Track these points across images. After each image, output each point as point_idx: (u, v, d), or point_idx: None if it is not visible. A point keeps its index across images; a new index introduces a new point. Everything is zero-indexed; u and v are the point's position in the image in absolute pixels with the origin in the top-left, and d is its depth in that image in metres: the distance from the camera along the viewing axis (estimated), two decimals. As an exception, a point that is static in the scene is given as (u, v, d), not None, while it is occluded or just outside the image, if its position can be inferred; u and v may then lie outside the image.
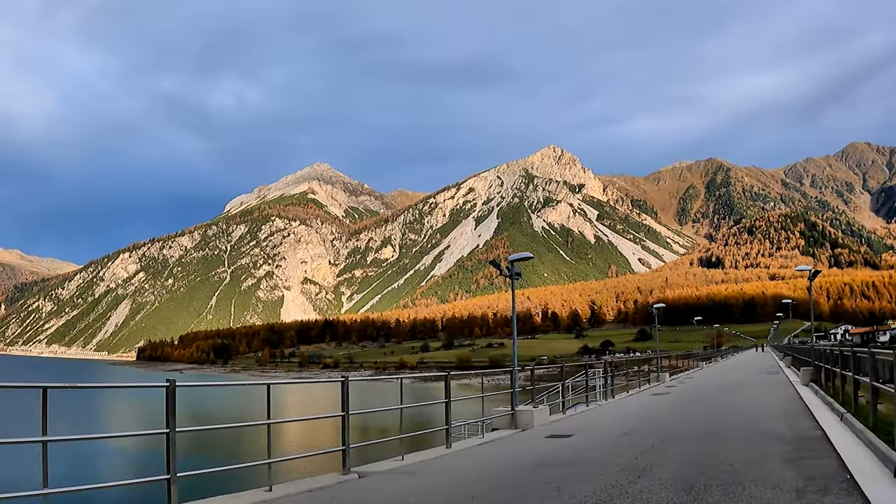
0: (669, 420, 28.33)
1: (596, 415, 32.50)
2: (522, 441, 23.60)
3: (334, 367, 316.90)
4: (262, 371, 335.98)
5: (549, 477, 15.66)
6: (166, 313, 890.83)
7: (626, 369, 54.39)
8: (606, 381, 40.45)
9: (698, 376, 67.53)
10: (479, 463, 18.99)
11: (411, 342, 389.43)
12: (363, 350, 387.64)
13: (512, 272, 32.28)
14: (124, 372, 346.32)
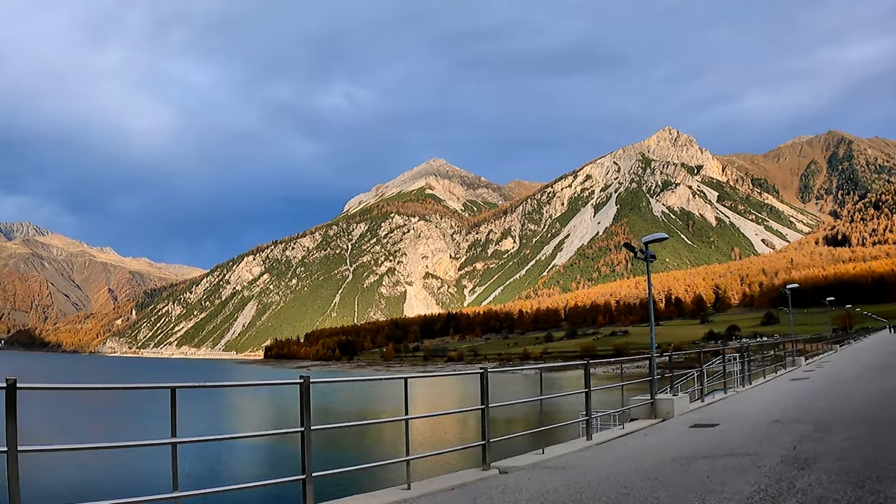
0: (816, 406, 26.83)
1: (736, 402, 31.31)
2: (666, 432, 22.67)
3: (458, 360, 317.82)
4: (388, 366, 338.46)
5: (706, 470, 14.56)
6: (291, 312, 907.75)
7: (763, 354, 52.58)
8: (743, 367, 39.54)
9: (835, 360, 64.33)
10: (627, 456, 17.78)
11: (534, 333, 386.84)
12: (487, 342, 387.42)
13: (647, 254, 32.21)
14: (252, 370, 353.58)
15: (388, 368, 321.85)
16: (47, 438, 46.39)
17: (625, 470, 15.52)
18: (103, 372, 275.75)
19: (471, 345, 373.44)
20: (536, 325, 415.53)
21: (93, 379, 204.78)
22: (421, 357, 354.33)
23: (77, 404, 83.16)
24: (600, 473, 15.17)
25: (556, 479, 14.46)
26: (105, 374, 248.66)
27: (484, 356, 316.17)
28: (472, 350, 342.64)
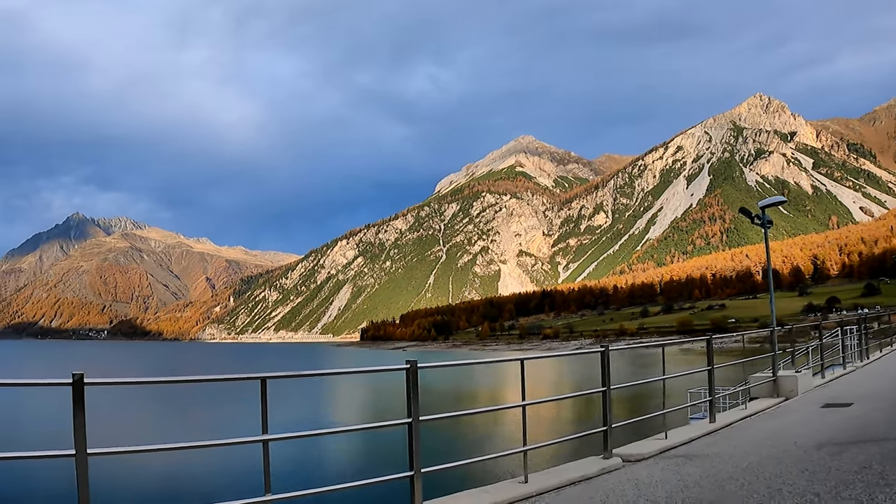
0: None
1: (859, 378, 29.45)
2: (795, 412, 20.79)
3: (554, 338, 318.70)
4: (483, 345, 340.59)
5: (861, 460, 12.83)
6: (386, 294, 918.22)
7: (879, 326, 51.27)
8: (861, 340, 37.44)
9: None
10: (761, 441, 15.94)
11: (630, 308, 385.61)
12: (582, 319, 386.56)
13: (764, 220, 29.83)
14: (349, 352, 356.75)
15: (483, 348, 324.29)
16: (121, 437, 46.09)
17: (766, 459, 13.87)
18: (204, 357, 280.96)
19: (566, 322, 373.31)
20: (632, 301, 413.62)
21: (193, 365, 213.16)
22: (516, 335, 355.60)
23: (159, 397, 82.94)
24: (740, 463, 13.52)
25: (692, 470, 12.95)
26: (205, 360, 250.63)
27: (580, 333, 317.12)
28: (567, 327, 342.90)
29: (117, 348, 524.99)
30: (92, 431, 6.93)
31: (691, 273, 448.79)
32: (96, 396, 15.67)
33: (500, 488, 11.69)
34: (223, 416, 66.27)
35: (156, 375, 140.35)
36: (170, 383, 5.06)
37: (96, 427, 6.13)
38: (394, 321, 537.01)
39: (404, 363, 9.43)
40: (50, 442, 38.57)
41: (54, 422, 49.57)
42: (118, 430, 52.32)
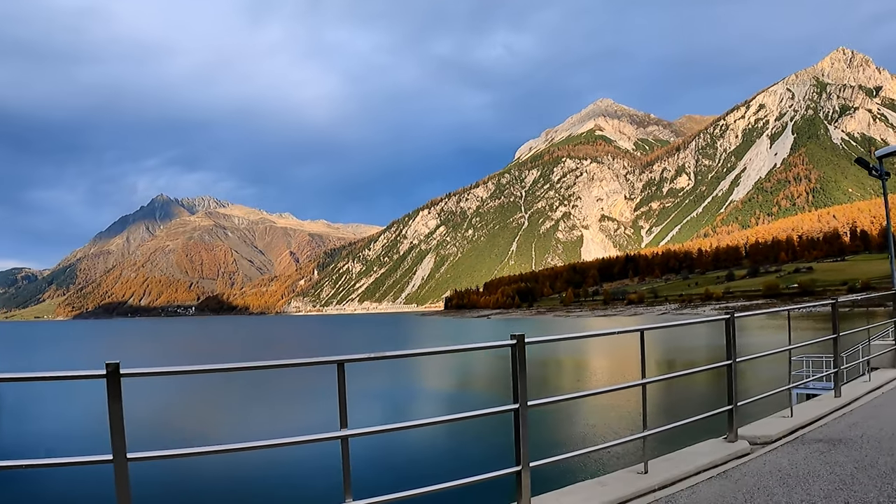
0: None
1: None
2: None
3: (639, 303, 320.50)
4: (567, 311, 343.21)
5: None
6: (469, 262, 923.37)
7: None
8: None
9: None
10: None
11: (715, 272, 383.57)
12: (667, 283, 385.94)
13: (881, 171, 28.19)
14: (433, 321, 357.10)
15: (567, 314, 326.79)
16: (168, 435, 45.50)
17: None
18: (293, 330, 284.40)
19: (650, 286, 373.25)
20: (716, 264, 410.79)
21: (281, 339, 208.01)
22: (600, 301, 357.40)
23: (218, 385, 75.04)
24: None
25: (840, 458, 10.69)
26: (293, 332, 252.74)
27: (665, 298, 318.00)
28: (652, 292, 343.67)
29: (206, 323, 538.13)
30: (134, 431, 4.58)
31: (777, 235, 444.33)
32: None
33: (618, 480, 9.95)
34: (294, 408, 60.97)
35: (246, 350, 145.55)
36: (233, 371, 3.87)
37: (139, 423, 5.35)
38: (477, 289, 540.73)
39: (509, 338, 7.59)
40: (90, 438, 40.19)
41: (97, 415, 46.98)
42: (164, 426, 48.82)
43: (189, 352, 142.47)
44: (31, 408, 60.16)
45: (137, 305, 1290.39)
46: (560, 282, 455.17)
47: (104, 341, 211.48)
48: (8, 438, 47.62)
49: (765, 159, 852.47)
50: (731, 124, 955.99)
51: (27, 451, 38.57)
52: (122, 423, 5.03)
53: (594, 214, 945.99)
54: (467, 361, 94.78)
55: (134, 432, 4.53)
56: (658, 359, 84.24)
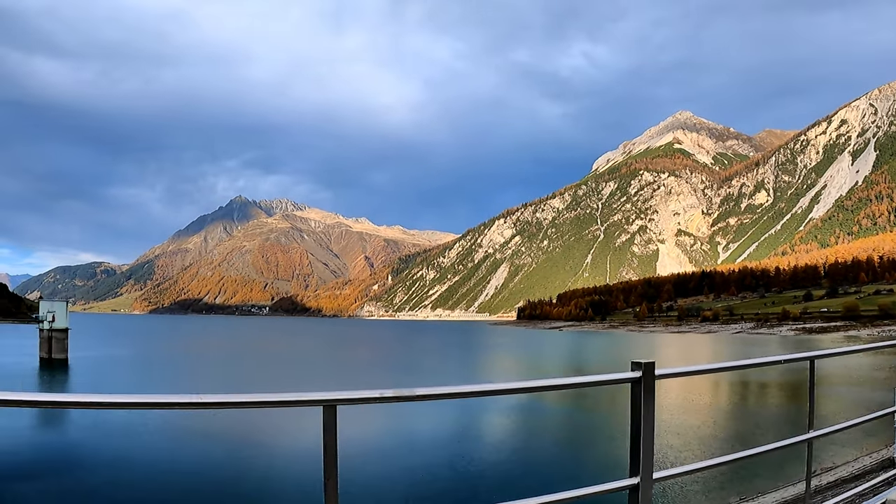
0: None
1: None
2: None
3: (713, 320, 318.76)
4: (641, 325, 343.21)
5: None
6: (543, 273, 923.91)
7: None
8: None
9: None
10: None
11: (792, 291, 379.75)
12: (743, 301, 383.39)
13: None
14: (506, 330, 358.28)
15: (640, 328, 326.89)
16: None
17: None
18: (364, 332, 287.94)
19: (726, 304, 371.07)
20: (794, 283, 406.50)
21: (371, 340, 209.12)
22: (675, 317, 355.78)
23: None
24: None
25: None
26: (365, 334, 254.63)
27: (740, 316, 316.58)
28: (727, 309, 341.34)
29: (287, 323, 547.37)
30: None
31: (857, 255, 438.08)
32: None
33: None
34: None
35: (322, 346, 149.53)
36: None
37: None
38: (550, 300, 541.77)
39: (629, 369, 5.99)
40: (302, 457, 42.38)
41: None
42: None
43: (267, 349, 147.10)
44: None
45: (212, 303, 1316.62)
46: (634, 296, 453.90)
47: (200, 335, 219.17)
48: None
49: (846, 176, 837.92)
50: (811, 140, 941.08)
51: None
52: (336, 454, 4.09)
53: (670, 229, 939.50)
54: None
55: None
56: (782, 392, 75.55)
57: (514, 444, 42.91)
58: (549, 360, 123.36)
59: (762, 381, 77.19)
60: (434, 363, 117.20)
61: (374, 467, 34.42)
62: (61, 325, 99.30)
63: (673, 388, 66.00)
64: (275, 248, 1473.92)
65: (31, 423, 48.72)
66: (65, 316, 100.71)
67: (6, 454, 37.23)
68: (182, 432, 44.58)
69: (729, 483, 27.05)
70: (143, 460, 35.92)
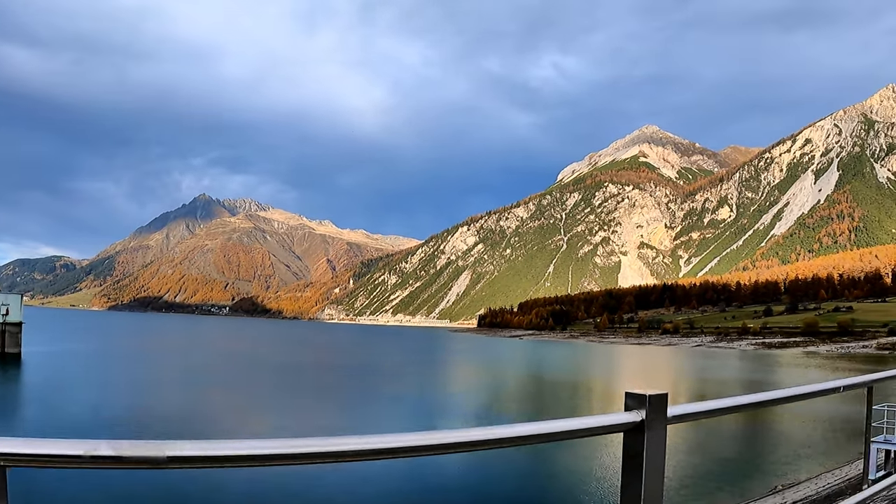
0: None
1: None
2: None
3: (674, 333, 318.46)
4: (601, 337, 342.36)
5: None
6: (505, 282, 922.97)
7: None
8: None
9: None
10: None
11: (753, 306, 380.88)
12: (703, 315, 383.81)
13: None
14: (467, 337, 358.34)
15: (601, 339, 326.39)
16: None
17: None
18: (324, 336, 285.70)
19: (687, 317, 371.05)
20: (755, 298, 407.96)
21: (339, 347, 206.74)
22: (635, 329, 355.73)
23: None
24: None
25: None
26: (325, 338, 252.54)
27: (700, 329, 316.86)
28: (688, 322, 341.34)
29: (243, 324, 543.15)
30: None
31: (817, 272, 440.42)
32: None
33: None
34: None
35: (277, 349, 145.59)
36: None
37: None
38: (512, 309, 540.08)
39: (622, 404, 4.41)
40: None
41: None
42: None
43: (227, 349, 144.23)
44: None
45: (172, 301, 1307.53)
46: (595, 307, 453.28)
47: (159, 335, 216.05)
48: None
49: (808, 195, 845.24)
50: (776, 157, 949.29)
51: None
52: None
53: (633, 241, 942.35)
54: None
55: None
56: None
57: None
58: (508, 368, 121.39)
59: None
60: (394, 368, 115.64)
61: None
62: (15, 318, 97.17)
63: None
64: (237, 248, 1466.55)
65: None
66: (19, 309, 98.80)
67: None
68: None
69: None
70: None
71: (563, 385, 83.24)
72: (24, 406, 54.81)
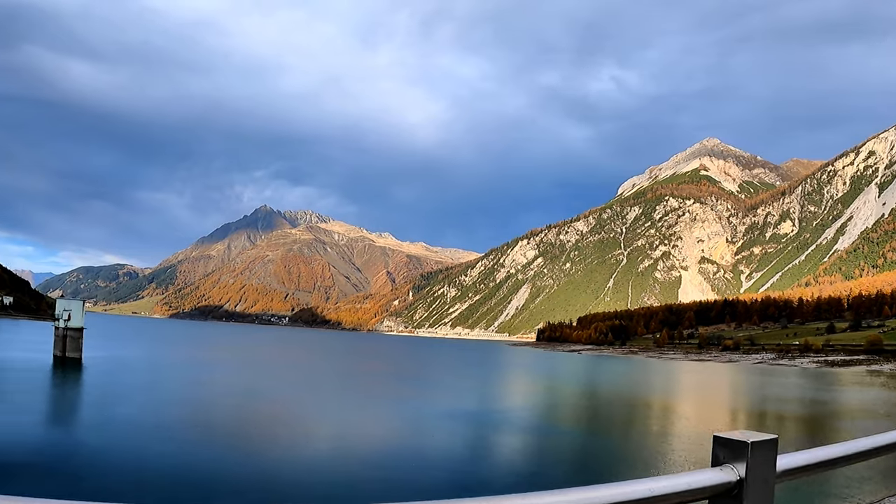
0: None
1: None
2: None
3: (734, 349, 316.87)
4: (660, 352, 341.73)
5: None
6: (564, 296, 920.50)
7: None
8: None
9: None
10: None
11: (815, 323, 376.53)
12: (764, 331, 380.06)
13: None
14: (524, 352, 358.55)
15: (660, 355, 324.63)
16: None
17: None
18: (383, 346, 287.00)
19: (747, 333, 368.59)
20: (817, 315, 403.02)
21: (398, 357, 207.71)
22: (695, 345, 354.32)
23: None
24: None
25: None
26: (384, 349, 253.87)
27: (761, 346, 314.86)
28: (748, 339, 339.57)
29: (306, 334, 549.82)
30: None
31: (882, 288, 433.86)
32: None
33: None
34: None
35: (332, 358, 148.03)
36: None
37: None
38: (571, 323, 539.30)
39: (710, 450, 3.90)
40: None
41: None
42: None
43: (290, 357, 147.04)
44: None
45: (232, 311, 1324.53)
46: (655, 322, 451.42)
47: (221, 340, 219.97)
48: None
49: (872, 208, 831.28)
50: (839, 170, 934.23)
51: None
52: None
53: (694, 256, 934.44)
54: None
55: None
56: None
57: None
58: (566, 383, 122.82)
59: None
60: (449, 379, 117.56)
61: None
62: (76, 324, 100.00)
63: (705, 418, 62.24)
64: (297, 259, 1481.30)
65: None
66: (80, 315, 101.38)
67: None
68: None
69: None
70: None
71: (621, 402, 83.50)
72: (83, 408, 56.27)
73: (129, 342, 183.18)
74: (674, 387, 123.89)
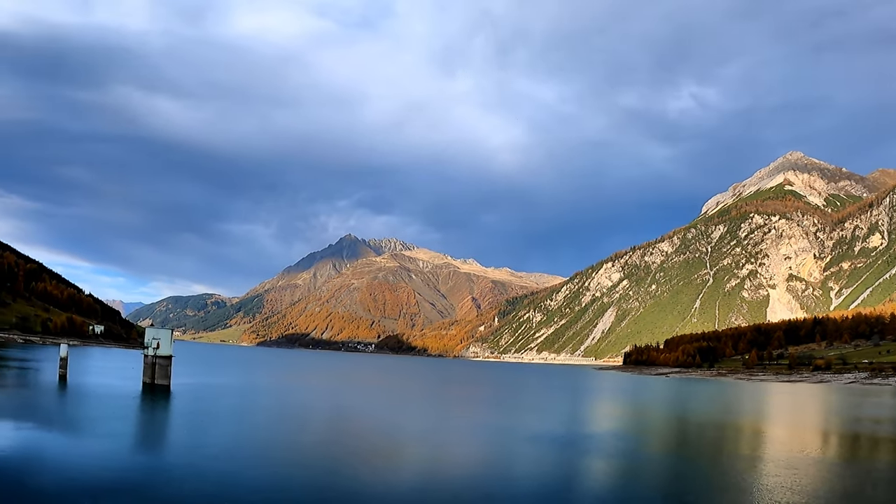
0: None
1: None
2: None
3: (826, 369, 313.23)
4: (750, 374, 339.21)
5: None
6: (650, 318, 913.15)
7: None
8: None
9: None
10: None
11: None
12: (856, 350, 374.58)
13: None
14: (611, 375, 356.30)
15: (749, 377, 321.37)
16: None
17: None
18: (491, 373, 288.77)
19: (839, 352, 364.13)
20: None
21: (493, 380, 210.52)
22: (785, 365, 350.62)
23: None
24: None
25: None
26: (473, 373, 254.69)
27: (853, 365, 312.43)
28: (840, 358, 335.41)
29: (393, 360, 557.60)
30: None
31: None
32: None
33: None
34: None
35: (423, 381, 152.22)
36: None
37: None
38: (658, 346, 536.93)
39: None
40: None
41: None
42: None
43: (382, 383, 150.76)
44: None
45: (319, 338, 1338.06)
46: (743, 342, 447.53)
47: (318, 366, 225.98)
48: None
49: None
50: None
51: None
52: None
53: (781, 273, 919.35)
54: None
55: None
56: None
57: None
58: (654, 407, 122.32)
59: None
60: (539, 402, 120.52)
61: None
62: (165, 352, 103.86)
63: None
64: (383, 287, 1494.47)
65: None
66: (169, 343, 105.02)
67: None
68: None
69: None
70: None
71: (710, 425, 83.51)
72: (171, 434, 57.57)
73: (217, 369, 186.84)
74: (764, 409, 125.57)
